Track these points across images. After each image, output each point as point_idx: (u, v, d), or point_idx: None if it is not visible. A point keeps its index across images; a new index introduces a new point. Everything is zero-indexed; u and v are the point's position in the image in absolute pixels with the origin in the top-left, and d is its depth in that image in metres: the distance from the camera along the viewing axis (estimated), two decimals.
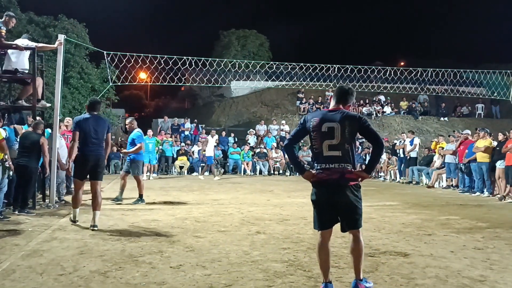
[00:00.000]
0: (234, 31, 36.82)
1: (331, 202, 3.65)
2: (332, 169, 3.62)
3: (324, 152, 3.66)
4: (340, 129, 3.61)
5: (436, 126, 25.01)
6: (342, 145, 3.63)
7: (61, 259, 4.68)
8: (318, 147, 3.70)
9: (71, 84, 20.83)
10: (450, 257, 4.97)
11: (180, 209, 8.59)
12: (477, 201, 10.86)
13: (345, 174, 3.61)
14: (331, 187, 3.63)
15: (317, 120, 3.71)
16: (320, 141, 3.68)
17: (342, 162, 3.63)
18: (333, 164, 3.63)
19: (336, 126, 3.63)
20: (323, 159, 3.67)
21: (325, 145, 3.65)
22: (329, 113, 3.75)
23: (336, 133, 3.62)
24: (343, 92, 3.86)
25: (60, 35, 9.27)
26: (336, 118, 3.66)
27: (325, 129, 3.65)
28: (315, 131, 3.70)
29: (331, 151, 3.64)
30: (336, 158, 3.63)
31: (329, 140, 3.64)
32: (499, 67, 18.17)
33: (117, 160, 19.55)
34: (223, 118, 30.43)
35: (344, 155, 3.63)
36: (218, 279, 4.03)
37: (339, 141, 3.62)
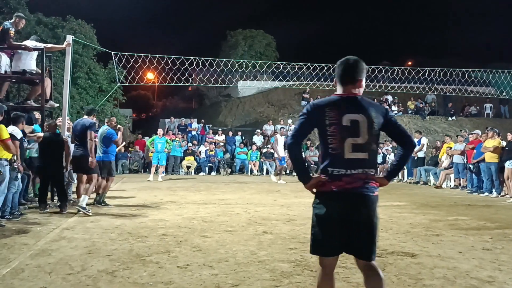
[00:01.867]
0: (241, 31, 36.85)
1: (346, 220, 2.73)
2: (355, 176, 2.75)
3: (345, 154, 2.76)
4: (367, 124, 2.76)
5: (444, 126, 24.87)
6: (369, 145, 2.79)
7: (69, 258, 4.71)
8: (336, 147, 2.76)
9: (79, 85, 20.96)
10: (458, 258, 4.94)
11: (187, 209, 8.61)
12: (485, 202, 10.79)
13: (369, 181, 2.78)
14: (350, 200, 2.75)
15: (334, 110, 2.78)
16: (340, 138, 2.75)
17: (367, 167, 2.79)
18: (356, 169, 2.75)
19: (361, 119, 2.76)
20: (343, 163, 2.76)
21: (348, 144, 2.75)
22: (347, 101, 2.82)
23: (362, 129, 2.75)
24: (355, 66, 2.88)
25: (68, 36, 9.33)
26: (360, 108, 2.79)
27: (347, 123, 2.75)
28: (334, 124, 2.76)
29: (355, 152, 2.76)
30: (360, 161, 2.77)
31: (353, 137, 2.75)
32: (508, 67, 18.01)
33: (124, 160, 19.65)
34: (230, 118, 30.45)
35: (370, 157, 2.80)
36: (225, 279, 4.04)
37: (366, 139, 2.77)
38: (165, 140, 15.75)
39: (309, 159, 20.19)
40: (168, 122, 23.65)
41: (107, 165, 9.13)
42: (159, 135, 15.63)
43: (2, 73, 8.81)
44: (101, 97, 21.26)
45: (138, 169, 20.19)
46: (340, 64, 2.91)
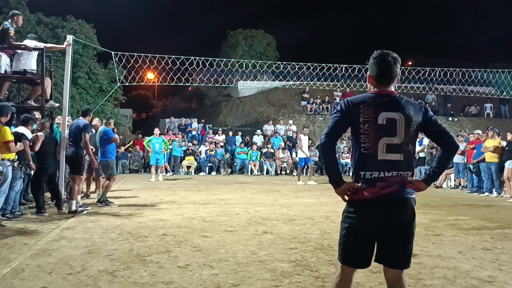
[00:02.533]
0: (241, 31, 36.84)
1: (384, 229, 2.58)
2: (389, 179, 2.58)
3: (379, 155, 2.59)
4: (404, 123, 2.61)
5: (445, 126, 24.75)
6: (405, 145, 2.63)
7: (69, 258, 4.71)
8: (369, 146, 2.60)
9: (79, 85, 20.94)
10: (458, 258, 4.94)
11: (187, 209, 8.61)
12: (485, 202, 10.79)
13: (406, 185, 2.62)
14: (387, 206, 2.57)
15: (370, 108, 2.61)
16: (374, 138, 2.59)
17: (402, 170, 2.62)
18: (390, 172, 2.59)
19: (399, 117, 2.61)
20: (375, 165, 2.60)
21: (382, 144, 2.59)
22: (384, 99, 2.66)
23: (398, 128, 2.60)
24: (391, 63, 2.71)
25: (68, 36, 9.32)
26: (397, 107, 2.64)
27: (383, 121, 2.59)
28: (368, 122, 2.60)
29: (389, 153, 2.60)
30: (395, 163, 2.60)
31: (388, 137, 2.60)
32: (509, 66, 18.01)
33: (125, 160, 19.64)
34: (230, 118, 30.46)
35: (405, 159, 2.63)
36: (225, 279, 4.04)
37: (402, 139, 2.61)
38: (162, 140, 15.65)
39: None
40: (168, 122, 23.63)
41: (106, 165, 9.14)
42: (155, 135, 15.52)
43: (2, 73, 8.80)
44: (101, 97, 21.25)
45: (139, 169, 20.17)
46: (376, 60, 2.73)
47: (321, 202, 9.95)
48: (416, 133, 2.69)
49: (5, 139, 6.57)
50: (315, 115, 25.60)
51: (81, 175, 8.27)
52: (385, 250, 2.63)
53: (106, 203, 8.92)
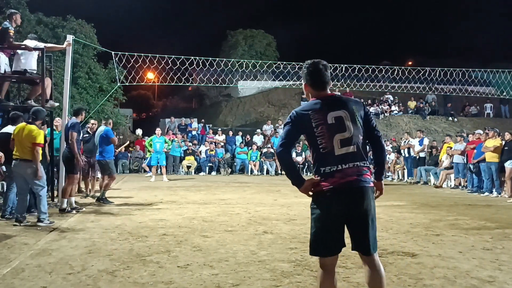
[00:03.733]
0: (241, 31, 36.84)
1: (345, 215, 2.80)
2: (346, 170, 2.80)
3: (335, 151, 2.81)
4: (350, 117, 2.87)
5: (444, 126, 24.86)
6: (356, 137, 2.85)
7: (69, 258, 4.71)
8: (326, 145, 2.82)
9: (80, 84, 20.95)
10: (458, 258, 4.94)
11: (187, 208, 8.61)
12: (486, 201, 10.78)
13: (363, 174, 2.83)
14: (346, 194, 2.79)
15: (318, 112, 2.86)
16: (328, 136, 2.82)
17: (358, 160, 2.85)
18: (347, 163, 2.80)
19: (344, 114, 2.86)
20: (334, 160, 2.81)
21: (336, 140, 2.82)
22: (327, 100, 2.93)
23: (346, 123, 2.84)
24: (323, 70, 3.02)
25: (68, 36, 9.32)
26: (340, 105, 2.91)
27: (332, 121, 2.84)
28: (320, 125, 2.84)
29: (344, 147, 2.82)
30: (350, 155, 2.82)
31: (340, 133, 2.83)
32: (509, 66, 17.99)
33: (125, 160, 19.65)
34: (230, 118, 30.47)
35: (358, 150, 2.86)
36: (225, 279, 4.04)
37: (352, 132, 2.85)
38: (163, 140, 15.61)
39: (309, 159, 20.18)
40: (168, 122, 23.64)
41: (104, 164, 9.16)
42: (157, 135, 15.45)
43: (2, 73, 8.80)
44: (101, 97, 21.25)
45: (139, 168, 20.19)
46: (309, 70, 3.04)
47: None
48: (363, 125, 2.93)
49: (36, 141, 6.68)
50: None
51: (74, 174, 8.22)
52: (353, 238, 2.88)
53: (104, 201, 8.93)
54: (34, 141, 6.65)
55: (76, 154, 8.11)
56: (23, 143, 6.67)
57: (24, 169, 6.65)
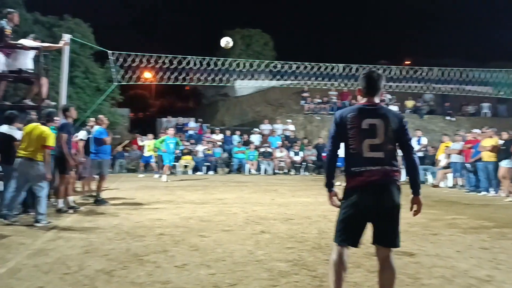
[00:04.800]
0: (238, 30, 36.75)
1: (370, 210, 3.11)
2: (374, 171, 3.08)
3: (364, 153, 3.11)
4: (384, 126, 3.13)
5: (442, 125, 24.87)
6: (385, 145, 3.13)
7: (66, 258, 4.69)
8: (355, 147, 3.14)
9: (76, 84, 20.88)
10: (456, 257, 4.94)
11: (184, 208, 8.59)
12: (483, 201, 10.80)
13: (389, 173, 3.12)
14: (372, 190, 3.09)
15: (355, 116, 3.17)
16: (359, 139, 3.13)
17: (385, 165, 3.11)
18: (375, 166, 3.09)
19: (379, 122, 3.13)
20: (362, 161, 3.11)
21: (366, 144, 3.12)
22: (368, 108, 3.23)
23: (379, 131, 3.12)
24: (376, 78, 3.30)
25: (65, 35, 9.30)
26: (379, 114, 3.17)
27: (366, 126, 3.13)
28: (354, 128, 3.15)
29: (373, 152, 3.11)
30: (378, 160, 3.10)
31: (370, 139, 3.12)
32: (506, 66, 18.02)
33: (122, 160, 19.60)
34: (227, 117, 30.43)
35: (386, 156, 3.12)
36: (222, 279, 4.03)
37: (383, 140, 3.12)
38: (176, 140, 15.37)
39: (306, 158, 20.21)
40: (165, 122, 23.60)
41: (97, 164, 9.14)
42: (169, 135, 15.12)
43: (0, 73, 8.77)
44: (98, 96, 21.17)
45: (136, 168, 20.14)
46: (364, 76, 3.32)
47: (319, 202, 9.94)
48: (395, 137, 3.16)
49: (46, 143, 6.69)
50: (313, 114, 25.59)
51: (65, 174, 8.16)
52: (376, 230, 3.15)
53: (101, 202, 8.91)
54: (45, 143, 6.69)
55: (68, 156, 7.98)
56: (32, 143, 6.66)
57: (28, 169, 6.64)
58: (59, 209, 7.87)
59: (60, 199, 7.98)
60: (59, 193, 8.01)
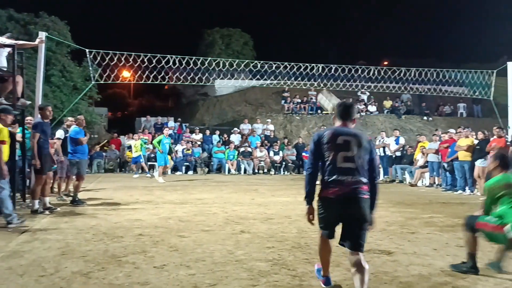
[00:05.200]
0: (218, 30, 36.71)
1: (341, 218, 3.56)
2: (345, 182, 3.47)
3: (338, 163, 3.51)
4: (357, 143, 3.57)
5: (419, 125, 25.26)
6: (357, 158, 3.53)
7: (42, 260, 4.60)
8: (331, 159, 3.55)
9: (53, 82, 20.51)
10: (433, 255, 5.01)
11: (163, 208, 8.52)
12: (459, 199, 10.99)
13: (360, 187, 3.50)
14: (342, 202, 3.48)
15: (331, 134, 3.62)
16: (334, 152, 3.55)
17: (356, 175, 3.51)
18: (346, 176, 3.48)
19: (352, 139, 3.57)
20: (336, 171, 3.51)
21: (341, 156, 3.53)
22: (342, 128, 3.72)
23: (352, 146, 3.54)
24: (352, 108, 3.82)
25: (41, 33, 9.13)
26: (352, 134, 3.62)
27: (341, 141, 3.56)
28: (329, 142, 3.58)
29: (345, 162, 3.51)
30: (350, 170, 3.50)
31: (344, 152, 3.54)
32: (481, 67, 18.39)
33: (100, 159, 19.36)
34: (207, 117, 30.33)
35: (358, 167, 3.53)
36: (202, 279, 4.00)
37: (355, 153, 3.53)
38: (169, 140, 15.11)
39: (286, 158, 20.28)
40: (144, 121, 23.38)
41: (74, 164, 9.01)
42: (165, 135, 14.86)
43: None
44: (75, 95, 20.83)
45: (114, 168, 19.92)
46: (339, 105, 3.88)
47: (298, 201, 9.98)
48: (364, 154, 3.58)
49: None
50: (293, 114, 25.70)
51: (41, 174, 8.02)
52: (344, 234, 3.54)
53: (78, 203, 8.78)
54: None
55: (34, 156, 7.80)
56: None
57: None
58: (35, 210, 7.72)
59: (35, 199, 7.83)
60: (35, 194, 7.85)
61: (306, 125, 24.89)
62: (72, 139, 8.95)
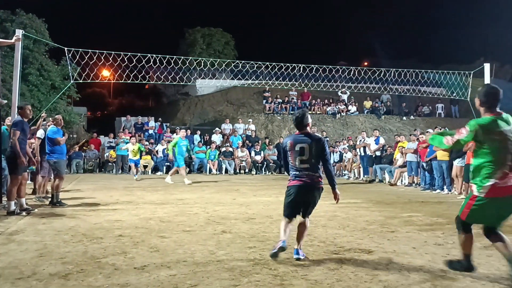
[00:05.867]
0: (199, 29, 36.61)
1: (302, 199, 4.83)
2: (304, 176, 4.77)
3: (297, 165, 4.82)
4: (309, 148, 4.76)
5: (399, 125, 25.59)
6: (309, 160, 4.77)
7: (19, 262, 4.51)
8: (292, 161, 4.87)
9: (30, 81, 20.15)
10: (412, 253, 5.07)
11: (144, 209, 8.45)
12: (437, 198, 11.16)
13: (314, 179, 4.78)
14: (303, 188, 4.78)
15: (291, 142, 4.85)
16: (294, 157, 4.83)
17: (311, 172, 4.78)
18: (303, 172, 4.79)
19: (306, 146, 4.77)
20: (296, 169, 4.84)
21: (298, 159, 4.80)
22: (300, 136, 4.88)
23: (306, 151, 4.76)
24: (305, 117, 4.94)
25: (17, 30, 8.95)
26: (306, 141, 4.80)
27: (298, 148, 4.78)
28: (290, 150, 4.85)
29: (302, 164, 4.79)
30: (305, 169, 4.78)
31: (300, 156, 4.78)
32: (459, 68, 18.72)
33: (79, 160, 19.11)
34: (188, 117, 30.19)
35: (311, 166, 4.78)
36: (183, 279, 3.98)
37: (308, 157, 4.76)
38: (187, 142, 14.84)
39: (268, 158, 20.33)
40: (124, 121, 23.15)
41: (52, 164, 8.88)
42: (182, 137, 14.55)
43: None
44: (53, 94, 20.51)
45: (93, 168, 19.68)
46: (295, 118, 5.00)
47: (280, 201, 9.97)
48: (316, 154, 4.78)
49: None
50: (274, 114, 25.76)
51: (16, 175, 7.86)
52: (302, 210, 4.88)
53: (57, 204, 8.65)
54: None
55: (18, 154, 7.66)
56: None
57: None
58: (11, 212, 7.57)
59: (11, 201, 7.67)
60: (11, 195, 7.70)
61: (287, 125, 24.98)
62: (50, 139, 8.81)
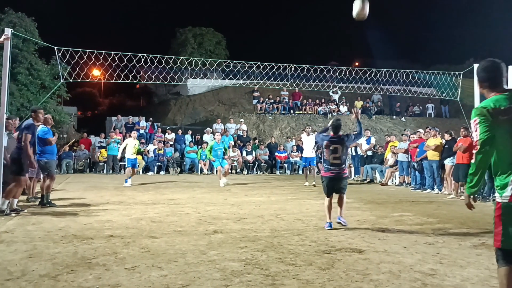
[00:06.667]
0: (191, 29, 36.50)
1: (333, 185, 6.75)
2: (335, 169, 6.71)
3: (331, 160, 6.73)
4: (342, 147, 6.73)
5: (389, 125, 25.71)
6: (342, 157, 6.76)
7: (8, 263, 4.46)
8: (327, 157, 6.83)
9: (19, 81, 19.98)
10: (403, 253, 5.10)
11: (135, 209, 8.41)
12: (428, 198, 11.23)
13: (342, 171, 6.76)
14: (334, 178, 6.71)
15: (328, 141, 6.82)
16: (328, 154, 6.76)
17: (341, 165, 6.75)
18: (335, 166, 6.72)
19: (339, 146, 6.72)
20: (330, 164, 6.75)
21: (332, 156, 6.73)
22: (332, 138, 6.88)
23: (339, 150, 6.71)
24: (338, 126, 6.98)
25: (6, 29, 8.85)
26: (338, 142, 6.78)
27: (333, 148, 6.72)
28: (326, 148, 6.83)
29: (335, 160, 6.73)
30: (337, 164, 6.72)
31: (333, 154, 6.72)
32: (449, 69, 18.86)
33: (69, 160, 18.98)
34: (179, 117, 30.10)
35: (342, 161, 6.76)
36: (174, 280, 3.96)
37: (341, 154, 6.73)
38: (223, 146, 14.27)
39: (259, 158, 20.33)
40: (115, 120, 23.03)
41: (42, 165, 8.81)
42: (217, 141, 14.12)
43: None
44: (43, 94, 20.34)
45: (84, 168, 19.55)
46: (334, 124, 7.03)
47: (271, 201, 10.03)
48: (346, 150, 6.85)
49: None
50: (265, 114, 25.77)
51: (21, 176, 7.83)
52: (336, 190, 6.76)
53: (47, 204, 8.59)
54: None
55: (30, 157, 7.78)
56: None
57: None
58: (1, 211, 7.50)
59: (7, 200, 7.60)
60: (9, 194, 7.64)
61: (278, 125, 25.02)
62: (40, 139, 8.73)
